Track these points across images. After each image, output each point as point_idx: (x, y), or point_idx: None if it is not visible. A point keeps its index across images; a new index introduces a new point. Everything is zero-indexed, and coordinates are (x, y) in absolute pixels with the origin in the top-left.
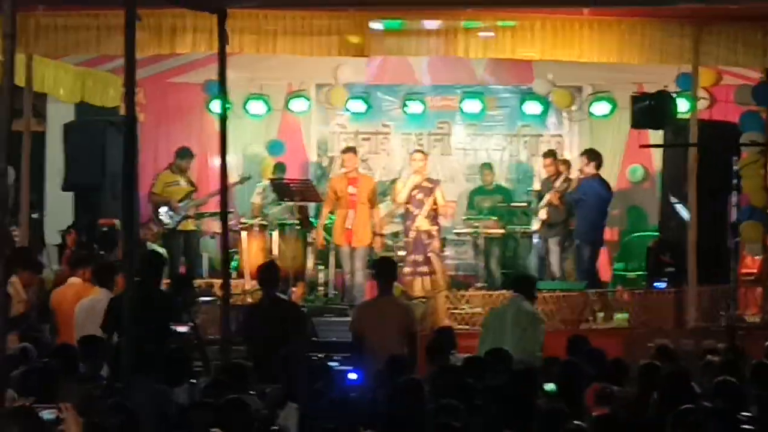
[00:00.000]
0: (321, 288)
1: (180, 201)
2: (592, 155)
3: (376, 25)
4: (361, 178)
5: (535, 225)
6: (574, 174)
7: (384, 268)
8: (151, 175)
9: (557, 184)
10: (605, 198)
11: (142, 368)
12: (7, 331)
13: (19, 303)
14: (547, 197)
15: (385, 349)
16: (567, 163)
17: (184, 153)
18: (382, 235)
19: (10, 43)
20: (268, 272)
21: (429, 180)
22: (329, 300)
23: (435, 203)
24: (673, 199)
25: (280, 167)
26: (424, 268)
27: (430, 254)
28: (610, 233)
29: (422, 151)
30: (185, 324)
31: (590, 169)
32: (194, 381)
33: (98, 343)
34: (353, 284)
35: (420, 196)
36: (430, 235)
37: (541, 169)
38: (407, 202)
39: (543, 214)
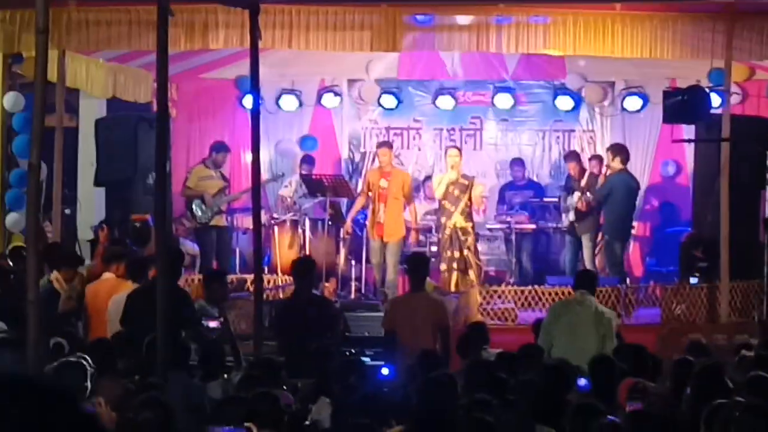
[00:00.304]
0: (353, 283)
1: (213, 196)
2: (617, 150)
3: (408, 20)
4: (394, 173)
5: (565, 221)
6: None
7: (417, 264)
8: (183, 171)
9: (582, 183)
10: (633, 192)
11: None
12: (42, 326)
13: (69, 299)
14: (573, 199)
15: (418, 345)
16: (599, 158)
17: (220, 147)
18: (417, 230)
19: (43, 39)
20: (302, 267)
21: (464, 176)
22: (362, 295)
23: (470, 199)
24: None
25: (308, 159)
26: (460, 264)
27: (465, 250)
28: (642, 228)
29: (457, 147)
30: (215, 319)
31: (616, 164)
32: (226, 376)
33: (133, 338)
34: (384, 279)
35: (456, 192)
36: (465, 232)
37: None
38: (443, 198)
39: (572, 215)
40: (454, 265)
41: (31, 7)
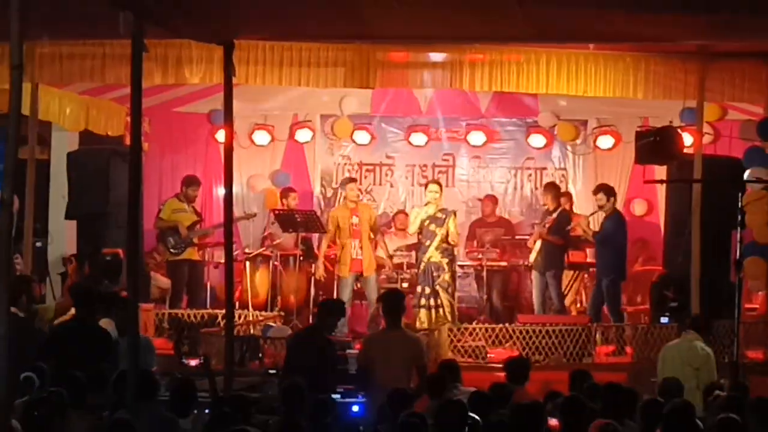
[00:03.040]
0: None
1: (186, 228)
2: (610, 191)
3: (382, 58)
4: (360, 207)
5: (532, 258)
6: (581, 208)
7: (392, 301)
8: (155, 204)
9: (555, 215)
10: (626, 233)
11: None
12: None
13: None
14: (537, 231)
15: (393, 383)
16: (569, 196)
17: (191, 181)
18: (382, 266)
19: (18, 75)
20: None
21: (442, 210)
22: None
23: (448, 234)
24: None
25: (279, 181)
26: (431, 301)
27: (437, 287)
28: None
29: (438, 182)
30: (196, 357)
31: (610, 205)
32: (196, 411)
33: (104, 372)
34: (366, 315)
35: (432, 227)
36: (438, 267)
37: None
38: (419, 233)
39: (537, 246)
40: (425, 301)
41: (4, 41)
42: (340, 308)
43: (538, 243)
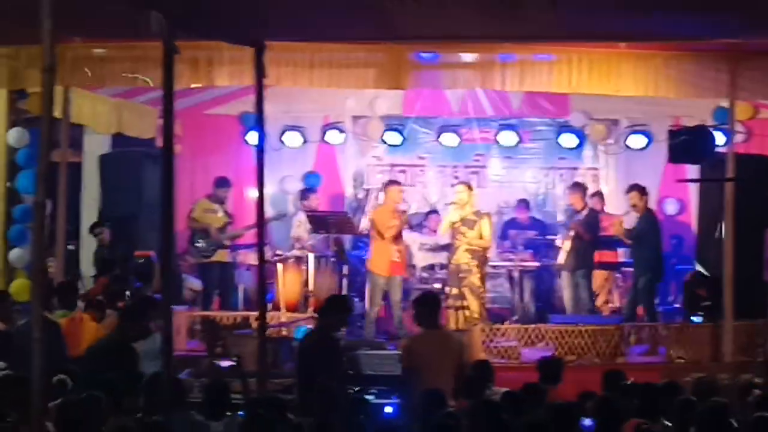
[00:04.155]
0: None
1: (217, 230)
2: (643, 190)
3: (413, 58)
4: (400, 211)
5: (561, 258)
6: (612, 207)
7: (430, 302)
8: (187, 206)
9: (583, 215)
10: (660, 231)
11: None
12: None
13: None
14: (569, 228)
15: (437, 383)
16: (600, 196)
17: (222, 182)
18: (414, 267)
19: (49, 77)
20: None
21: (476, 213)
22: (366, 333)
23: (480, 236)
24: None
25: (309, 182)
26: (459, 302)
27: (464, 288)
28: None
29: (467, 184)
30: (229, 359)
31: (643, 204)
32: (229, 414)
33: (137, 376)
34: (393, 316)
35: (463, 228)
36: (467, 270)
37: None
38: (451, 235)
39: (567, 246)
40: (452, 302)
41: (37, 44)
42: (346, 304)
43: (568, 243)
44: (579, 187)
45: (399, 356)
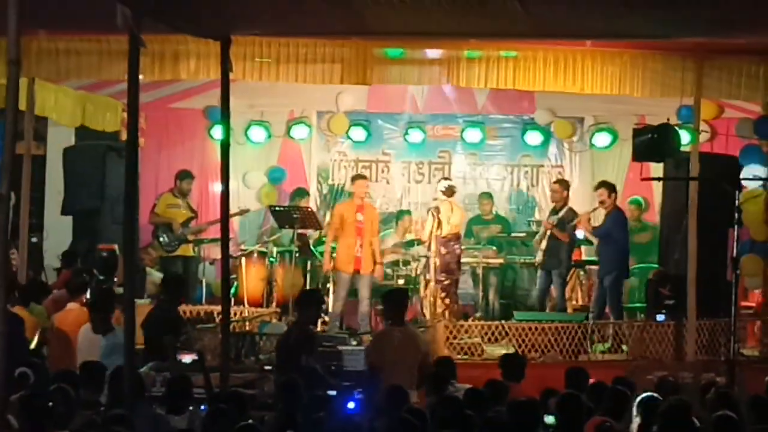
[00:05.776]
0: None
1: (180, 224)
2: (611, 187)
3: (378, 54)
4: (366, 206)
5: (538, 257)
6: (578, 205)
7: (397, 298)
8: (150, 200)
9: (561, 213)
10: (627, 229)
11: None
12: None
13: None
14: (543, 227)
15: (399, 379)
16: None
17: (185, 175)
18: (381, 264)
19: (15, 70)
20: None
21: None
22: (329, 328)
23: (439, 226)
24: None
25: (299, 193)
26: (427, 298)
27: (431, 283)
28: None
29: (451, 201)
30: (190, 353)
31: (611, 201)
32: (191, 408)
33: (99, 369)
34: (357, 312)
35: (438, 232)
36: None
37: (542, 199)
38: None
39: (543, 244)
40: (424, 297)
41: (1, 36)
42: (318, 297)
43: (544, 242)
44: (563, 184)
45: (363, 352)
